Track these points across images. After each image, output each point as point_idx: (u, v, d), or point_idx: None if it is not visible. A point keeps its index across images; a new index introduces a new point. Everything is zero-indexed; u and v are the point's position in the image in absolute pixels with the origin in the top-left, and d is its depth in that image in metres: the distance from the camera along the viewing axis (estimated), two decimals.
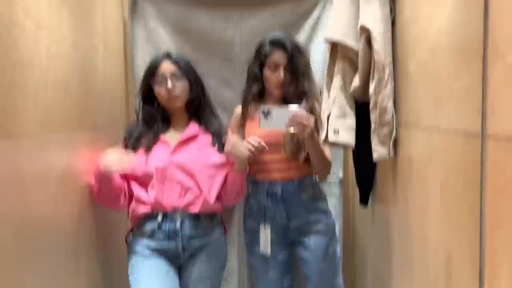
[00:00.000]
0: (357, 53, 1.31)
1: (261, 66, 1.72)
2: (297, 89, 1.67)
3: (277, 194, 1.71)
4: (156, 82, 1.61)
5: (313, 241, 1.71)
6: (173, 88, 1.59)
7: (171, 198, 1.56)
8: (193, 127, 1.65)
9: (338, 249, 1.77)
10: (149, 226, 1.57)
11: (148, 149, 1.59)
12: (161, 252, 1.57)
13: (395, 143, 1.30)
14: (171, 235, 1.56)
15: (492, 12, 0.75)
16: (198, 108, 1.67)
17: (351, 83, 1.34)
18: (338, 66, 1.35)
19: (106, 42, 1.77)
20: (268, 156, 1.70)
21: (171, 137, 1.64)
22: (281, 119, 1.53)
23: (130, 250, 1.64)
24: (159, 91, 1.61)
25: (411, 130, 1.18)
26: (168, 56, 1.64)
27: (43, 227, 1.22)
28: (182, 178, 1.57)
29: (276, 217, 1.72)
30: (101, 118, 1.70)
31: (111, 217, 1.76)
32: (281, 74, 1.67)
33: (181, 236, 1.56)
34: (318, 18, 2.05)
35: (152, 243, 1.57)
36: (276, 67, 1.69)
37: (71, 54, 1.41)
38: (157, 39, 2.05)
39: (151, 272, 1.53)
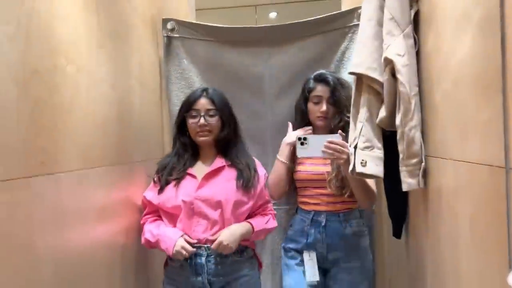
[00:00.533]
0: (382, 85, 1.32)
1: (306, 101, 1.84)
2: (340, 122, 1.75)
3: (321, 223, 1.76)
4: (190, 115, 1.68)
5: (346, 277, 1.74)
6: (205, 123, 1.65)
7: (197, 232, 1.59)
8: (220, 161, 1.68)
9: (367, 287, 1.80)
10: (178, 261, 1.60)
11: (178, 183, 1.64)
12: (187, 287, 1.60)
13: (425, 174, 1.28)
14: (198, 270, 1.57)
15: (509, 44, 0.76)
16: (228, 145, 1.70)
17: (377, 114, 1.35)
18: (364, 97, 1.36)
19: (143, 81, 1.88)
20: (315, 190, 1.80)
21: (198, 170, 1.68)
22: (317, 146, 1.58)
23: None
24: (192, 125, 1.67)
25: (439, 161, 1.17)
26: (205, 91, 1.70)
27: (81, 260, 1.28)
28: (208, 211, 1.59)
29: (316, 246, 1.77)
30: (138, 154, 1.78)
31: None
32: (324, 107, 1.77)
33: (207, 271, 1.57)
34: (346, 49, 2.07)
35: (179, 277, 1.61)
36: (319, 100, 1.79)
37: (109, 95, 1.51)
38: (190, 76, 2.14)
39: None
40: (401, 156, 1.28)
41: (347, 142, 1.64)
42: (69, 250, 1.21)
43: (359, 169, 1.34)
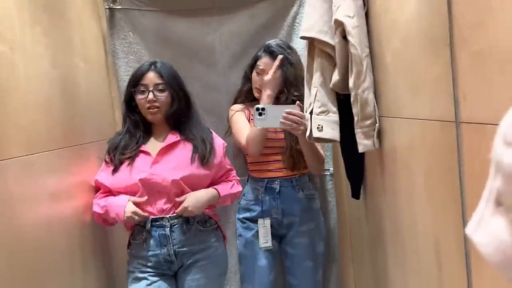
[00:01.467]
0: (334, 48, 1.31)
1: (252, 68, 1.83)
2: (286, 100, 1.75)
3: (275, 190, 1.81)
4: (138, 91, 1.61)
5: (302, 240, 1.83)
6: (154, 99, 1.59)
7: (159, 205, 1.58)
8: (173, 137, 1.64)
9: (323, 248, 1.90)
10: (141, 235, 1.59)
11: (132, 161, 1.59)
12: (156, 264, 1.58)
13: (379, 134, 1.30)
14: (162, 242, 1.57)
15: None
16: (180, 120, 1.66)
17: (331, 78, 1.35)
18: (317, 62, 1.36)
19: (86, 58, 1.77)
20: (269, 157, 1.83)
21: (152, 146, 1.64)
22: (275, 117, 1.58)
23: (127, 269, 1.66)
24: (141, 101, 1.61)
25: (393, 120, 1.19)
26: (153, 65, 1.63)
27: (37, 247, 1.22)
28: (166, 185, 1.56)
29: (271, 212, 1.83)
30: (89, 134, 1.70)
31: (108, 229, 1.77)
32: (264, 79, 1.73)
33: (172, 242, 1.56)
34: (296, 15, 2.05)
35: (144, 252, 1.58)
36: (262, 72, 1.78)
37: (50, 73, 1.41)
38: (138, 50, 2.05)
39: None
40: (355, 118, 1.29)
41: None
42: (22, 238, 1.15)
43: (315, 134, 1.34)
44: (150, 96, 1.59)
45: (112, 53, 2.03)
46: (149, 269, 1.59)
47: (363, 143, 1.29)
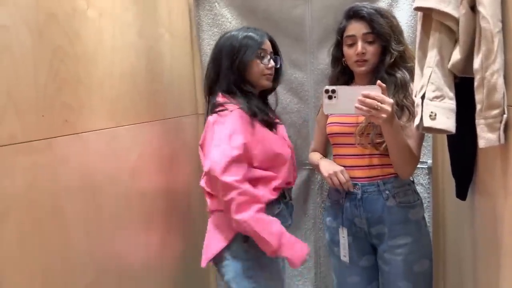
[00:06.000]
0: (457, 21, 1.10)
1: (339, 45, 1.51)
2: (391, 58, 1.42)
3: (356, 196, 1.48)
4: (257, 55, 1.46)
5: (394, 256, 1.46)
6: (273, 67, 1.51)
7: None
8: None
9: (428, 267, 1.49)
10: (277, 208, 1.45)
11: (276, 130, 1.51)
12: None
13: (506, 127, 1.08)
14: (291, 212, 1.54)
15: None
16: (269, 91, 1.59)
17: (449, 57, 1.13)
18: (434, 38, 1.14)
19: (172, 29, 1.71)
20: (348, 149, 1.48)
21: None
22: (349, 101, 1.28)
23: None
24: (261, 67, 1.48)
25: None
26: (266, 33, 1.54)
27: (115, 224, 1.18)
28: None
29: (354, 221, 1.50)
30: (171, 110, 1.65)
31: (188, 208, 1.72)
32: (359, 47, 1.43)
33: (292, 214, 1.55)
34: None
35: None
36: (353, 41, 1.45)
37: (137, 43, 1.35)
38: (223, 23, 1.95)
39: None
40: (479, 107, 1.07)
41: (397, 93, 1.41)
42: (100, 215, 1.10)
43: (427, 122, 1.14)
44: (272, 63, 1.50)
45: (197, 25, 1.94)
46: None
47: (486, 137, 1.08)
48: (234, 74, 1.44)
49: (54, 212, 0.91)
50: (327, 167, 1.50)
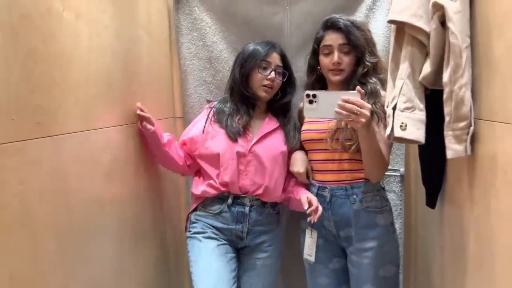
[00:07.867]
0: (428, 36, 1.13)
1: (316, 54, 1.58)
2: (364, 69, 1.49)
3: (325, 199, 1.53)
4: (260, 66, 1.60)
5: (361, 259, 1.50)
6: (273, 79, 1.61)
7: (246, 182, 1.59)
8: (273, 121, 1.67)
9: (394, 272, 1.53)
10: (217, 206, 1.61)
11: (235, 134, 1.60)
12: (225, 232, 1.61)
13: (473, 139, 1.12)
14: (239, 218, 1.61)
15: None
16: (281, 103, 1.68)
17: (420, 70, 1.17)
18: (406, 50, 1.18)
19: (151, 32, 1.70)
20: (321, 154, 1.55)
21: (254, 125, 1.66)
22: (329, 105, 1.31)
23: (191, 227, 1.65)
24: (260, 77, 1.61)
25: (495, 125, 1.01)
26: (276, 47, 1.65)
27: (87, 229, 1.17)
28: (257, 166, 1.59)
29: (324, 224, 1.56)
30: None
31: (161, 211, 1.71)
32: (335, 57, 1.49)
33: (248, 220, 1.61)
34: None
35: (217, 223, 1.61)
36: (329, 51, 1.52)
37: (113, 45, 1.34)
38: (203, 27, 1.95)
39: (213, 253, 1.57)
40: (447, 119, 1.11)
41: (367, 100, 1.44)
42: (72, 219, 1.09)
43: (397, 133, 1.17)
44: (272, 75, 1.60)
45: (176, 29, 1.94)
46: (220, 235, 1.62)
47: (454, 148, 1.12)
48: (238, 80, 1.63)
49: (23, 216, 0.90)
50: (292, 164, 1.62)
